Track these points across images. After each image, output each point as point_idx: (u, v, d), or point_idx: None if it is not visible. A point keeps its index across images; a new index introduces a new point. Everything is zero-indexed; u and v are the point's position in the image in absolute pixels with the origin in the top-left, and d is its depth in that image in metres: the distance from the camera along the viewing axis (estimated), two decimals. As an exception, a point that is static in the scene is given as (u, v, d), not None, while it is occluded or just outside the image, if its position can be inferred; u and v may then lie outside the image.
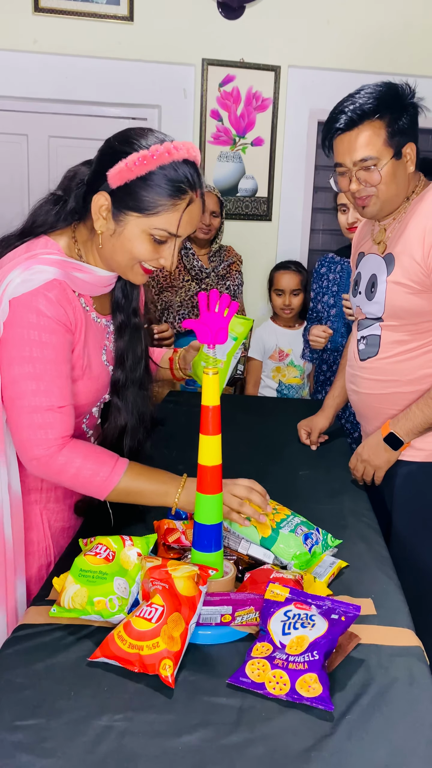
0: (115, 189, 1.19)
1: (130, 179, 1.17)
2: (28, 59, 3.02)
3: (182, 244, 1.28)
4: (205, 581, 1.13)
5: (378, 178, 1.50)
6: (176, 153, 1.17)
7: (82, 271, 1.27)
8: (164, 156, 1.16)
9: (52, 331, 1.21)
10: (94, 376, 1.35)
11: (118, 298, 1.38)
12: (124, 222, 1.20)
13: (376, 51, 3.27)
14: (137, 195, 1.17)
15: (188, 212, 1.21)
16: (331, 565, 1.31)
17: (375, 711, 0.95)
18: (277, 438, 2.11)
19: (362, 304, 1.67)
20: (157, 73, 3.16)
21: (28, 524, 1.36)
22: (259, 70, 3.24)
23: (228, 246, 3.10)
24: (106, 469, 1.24)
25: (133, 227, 1.20)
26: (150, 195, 1.17)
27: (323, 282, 2.65)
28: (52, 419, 1.21)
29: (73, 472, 1.23)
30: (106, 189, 1.19)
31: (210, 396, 1.17)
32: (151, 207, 1.18)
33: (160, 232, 1.20)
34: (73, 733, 0.90)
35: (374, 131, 1.48)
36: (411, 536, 1.65)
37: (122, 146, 1.19)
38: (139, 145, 1.17)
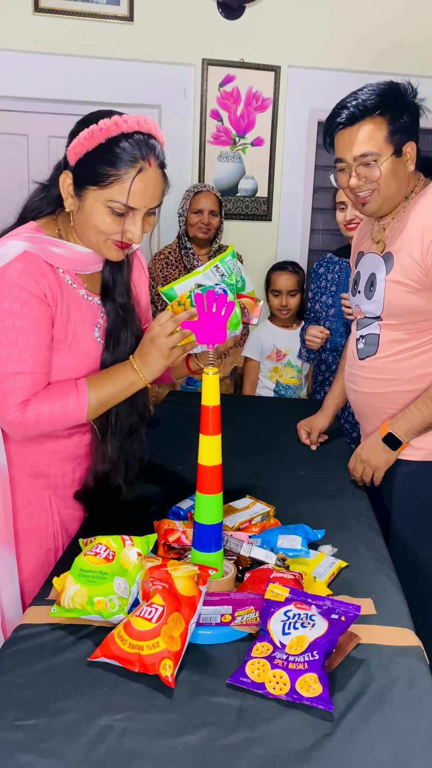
0: (73, 166, 1.24)
1: (82, 153, 1.21)
2: (28, 59, 3.03)
3: (153, 222, 1.31)
4: (205, 581, 1.13)
5: (378, 174, 1.50)
6: (125, 125, 1.20)
7: (58, 246, 1.30)
8: (112, 128, 1.19)
9: (23, 302, 1.24)
10: (82, 351, 1.36)
11: (106, 279, 1.41)
12: (84, 197, 1.24)
13: (376, 51, 3.27)
14: (91, 168, 1.21)
15: (139, 181, 1.22)
16: (331, 565, 1.31)
17: (375, 711, 0.95)
18: (277, 438, 2.12)
19: (361, 303, 1.68)
20: (157, 73, 3.16)
21: (37, 508, 1.40)
22: (259, 70, 3.24)
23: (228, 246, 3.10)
24: (72, 398, 1.28)
25: (92, 201, 1.24)
26: (101, 167, 1.20)
27: (321, 282, 2.65)
28: (21, 383, 1.25)
29: (48, 417, 1.27)
30: (68, 167, 1.25)
31: (210, 396, 1.17)
32: (103, 178, 1.21)
33: (115, 204, 1.22)
34: (73, 733, 0.90)
35: (375, 127, 1.48)
36: (410, 535, 1.65)
37: (79, 126, 1.24)
38: (90, 121, 1.22)
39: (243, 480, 1.73)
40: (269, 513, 1.53)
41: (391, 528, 1.68)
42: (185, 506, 1.52)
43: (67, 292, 1.33)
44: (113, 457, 1.44)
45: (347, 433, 2.43)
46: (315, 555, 1.35)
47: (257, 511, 1.51)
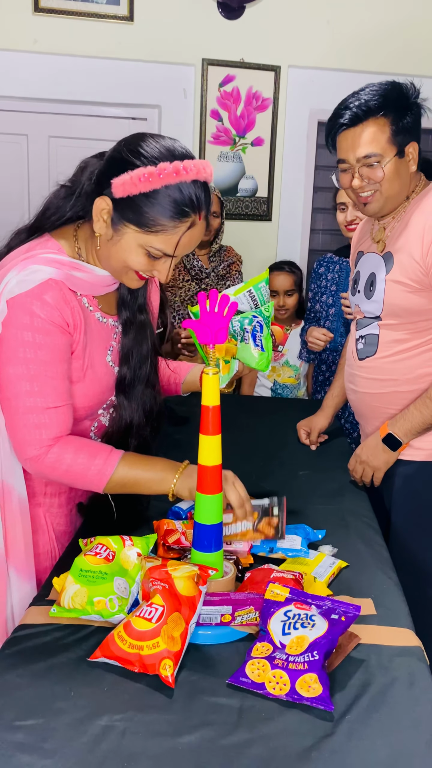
0: (117, 198, 1.16)
1: (133, 193, 1.14)
2: (28, 59, 3.02)
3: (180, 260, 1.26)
4: (205, 581, 1.13)
5: (381, 175, 1.50)
6: (185, 174, 1.13)
7: (81, 270, 1.25)
8: (171, 176, 1.12)
9: (46, 333, 1.21)
10: (97, 378, 1.34)
11: (124, 294, 1.37)
12: (122, 232, 1.18)
13: (376, 51, 3.27)
14: (138, 210, 1.15)
15: (188, 235, 1.18)
16: (331, 565, 1.31)
17: (375, 711, 0.95)
18: (277, 438, 2.11)
19: (361, 302, 1.67)
20: (157, 73, 3.16)
21: (33, 527, 1.37)
22: (259, 70, 3.24)
23: (228, 246, 3.10)
24: (98, 461, 1.24)
25: (130, 239, 1.18)
26: (151, 213, 1.14)
27: (322, 282, 2.64)
28: (46, 419, 1.22)
29: (65, 468, 1.23)
30: (109, 195, 1.17)
31: (210, 396, 1.17)
32: (151, 225, 1.15)
33: (156, 251, 1.18)
34: (73, 733, 0.90)
35: (379, 128, 1.48)
36: (409, 535, 1.65)
37: (131, 156, 1.15)
38: (147, 159, 1.14)
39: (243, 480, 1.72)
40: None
41: (391, 528, 1.68)
42: (185, 506, 1.52)
43: (85, 317, 1.29)
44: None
45: (347, 433, 2.43)
46: (315, 555, 1.35)
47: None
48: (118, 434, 1.39)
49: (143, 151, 1.15)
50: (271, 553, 1.36)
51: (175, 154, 1.15)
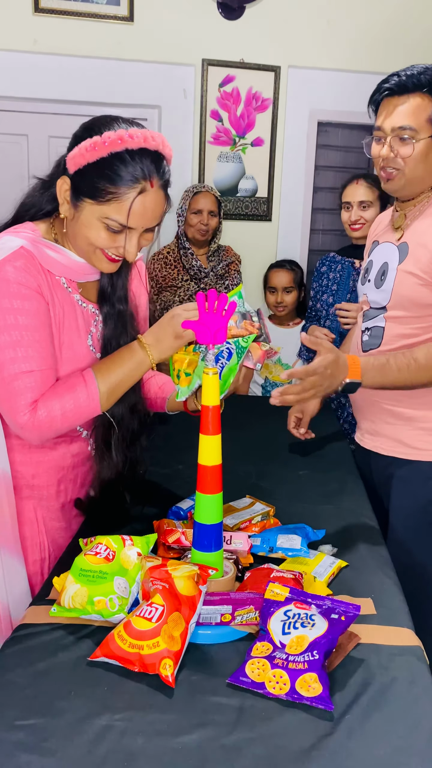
0: (72, 174, 1.19)
1: (82, 165, 1.17)
2: (28, 59, 3.02)
3: (151, 238, 1.29)
4: (205, 581, 1.13)
5: (409, 152, 1.47)
6: (130, 141, 1.15)
7: (54, 250, 1.27)
8: (116, 143, 1.14)
9: (24, 297, 1.21)
10: (77, 358, 1.33)
11: (104, 285, 1.38)
12: (80, 207, 1.20)
13: (376, 51, 3.27)
14: (90, 181, 1.17)
15: (140, 202, 1.18)
16: (331, 564, 1.31)
17: (375, 711, 0.95)
18: (277, 438, 2.11)
19: (369, 292, 1.66)
20: (157, 73, 3.16)
21: (21, 519, 1.37)
22: (259, 70, 3.24)
23: (227, 246, 3.10)
24: (81, 390, 1.25)
25: (88, 214, 1.20)
26: (101, 182, 1.16)
27: (323, 281, 2.65)
28: (30, 382, 1.22)
29: (60, 415, 1.24)
30: (66, 173, 1.21)
31: (210, 396, 1.17)
32: (102, 194, 1.17)
33: (112, 222, 1.19)
34: (73, 732, 0.90)
35: (422, 103, 1.46)
36: (408, 536, 1.65)
37: (83, 132, 1.19)
38: (96, 132, 1.16)
39: (243, 480, 1.73)
40: (269, 513, 1.53)
41: (390, 529, 1.68)
42: (185, 506, 1.52)
43: (61, 295, 1.29)
44: (118, 465, 1.41)
45: (346, 434, 2.43)
46: (315, 555, 1.35)
47: (257, 511, 1.51)
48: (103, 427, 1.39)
49: (94, 126, 1.18)
50: (271, 552, 1.36)
51: (119, 122, 1.18)
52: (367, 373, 1.43)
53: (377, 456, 1.69)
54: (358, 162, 3.45)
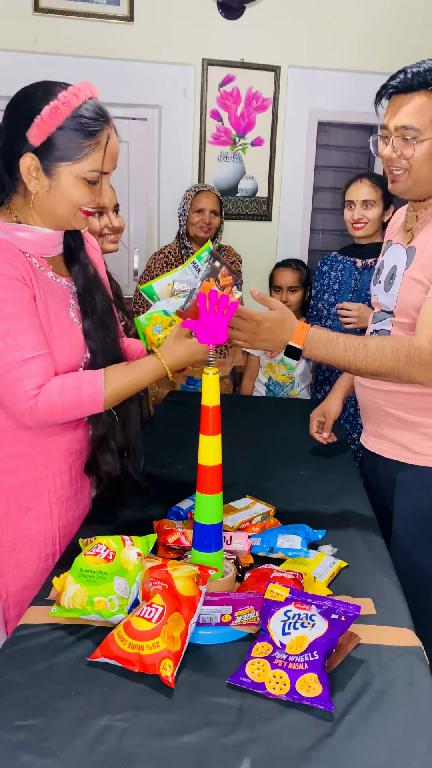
0: (39, 147, 1.21)
1: (50, 132, 1.19)
2: (28, 59, 3.02)
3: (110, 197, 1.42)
4: (205, 581, 1.13)
5: (411, 152, 1.44)
6: (82, 94, 1.21)
7: (24, 231, 1.29)
8: (73, 100, 1.19)
9: (7, 288, 1.22)
10: (67, 334, 1.35)
11: (69, 244, 1.41)
12: (56, 175, 1.23)
13: (376, 51, 3.27)
14: (61, 144, 1.20)
15: (110, 146, 1.25)
16: (331, 565, 1.31)
17: (375, 711, 0.95)
18: (278, 438, 2.12)
19: (379, 294, 1.63)
20: (157, 73, 3.16)
21: (37, 515, 1.39)
22: (259, 70, 3.24)
23: (227, 246, 3.10)
24: (86, 391, 1.27)
25: (67, 176, 1.23)
26: (73, 141, 1.20)
27: (324, 280, 2.65)
28: (26, 371, 1.23)
29: (60, 409, 1.26)
30: (29, 149, 1.21)
31: (210, 396, 1.17)
32: (78, 152, 1.21)
33: (92, 174, 1.24)
34: (73, 733, 0.90)
35: (427, 102, 1.41)
36: (411, 541, 1.64)
37: (30, 104, 1.21)
38: (45, 99, 1.20)
39: (243, 480, 1.73)
40: (269, 513, 1.53)
41: (393, 533, 1.66)
42: (185, 506, 1.52)
43: (38, 276, 1.31)
44: (107, 421, 1.43)
45: (347, 434, 2.43)
46: (315, 555, 1.35)
47: (257, 511, 1.51)
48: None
49: (38, 95, 1.22)
50: (271, 553, 1.36)
51: (57, 84, 1.23)
52: (312, 342, 1.40)
53: (382, 459, 1.68)
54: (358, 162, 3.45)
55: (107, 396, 1.29)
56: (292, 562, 1.32)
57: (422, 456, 1.59)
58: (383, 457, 1.67)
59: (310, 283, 3.00)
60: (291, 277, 2.96)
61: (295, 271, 2.97)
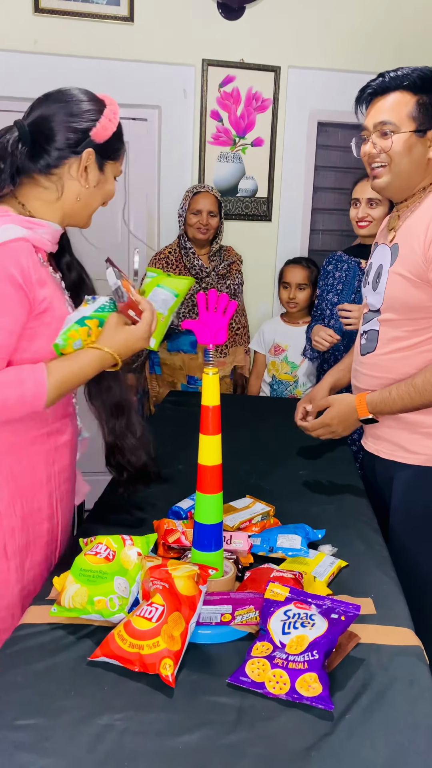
0: (100, 144, 1.33)
1: (109, 135, 1.33)
2: (28, 59, 3.02)
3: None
4: (205, 581, 1.14)
5: (389, 145, 1.48)
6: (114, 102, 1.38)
7: (41, 226, 1.31)
8: (118, 113, 1.36)
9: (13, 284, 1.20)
10: None
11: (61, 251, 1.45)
12: (106, 169, 1.37)
13: (376, 51, 3.27)
14: (113, 145, 1.36)
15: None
16: (331, 564, 1.31)
17: (375, 711, 0.95)
18: (277, 438, 2.12)
19: (368, 294, 1.66)
20: (157, 73, 3.16)
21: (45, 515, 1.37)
22: (259, 70, 3.24)
23: (228, 246, 3.10)
24: (29, 386, 1.20)
25: (110, 172, 1.38)
26: (117, 143, 1.38)
27: (329, 279, 2.65)
28: None
29: (2, 404, 1.19)
30: (90, 145, 1.31)
31: (210, 396, 1.17)
32: (119, 154, 1.39)
33: (119, 172, 1.41)
34: (73, 732, 0.90)
35: (402, 98, 1.47)
36: (408, 539, 1.64)
37: (88, 105, 1.33)
38: (100, 102, 1.34)
39: (243, 480, 1.73)
40: (269, 513, 1.53)
41: (390, 531, 1.67)
42: (185, 506, 1.52)
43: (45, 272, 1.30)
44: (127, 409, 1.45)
45: (347, 434, 2.42)
46: (315, 555, 1.35)
47: (257, 511, 1.51)
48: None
49: (89, 97, 1.36)
50: (271, 552, 1.36)
51: (95, 93, 1.38)
52: (375, 408, 1.62)
53: (380, 459, 1.69)
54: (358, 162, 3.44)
55: (50, 389, 1.21)
56: (292, 562, 1.32)
57: (418, 455, 1.60)
58: (381, 457, 1.68)
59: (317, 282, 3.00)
60: (300, 274, 2.96)
61: (305, 269, 2.98)
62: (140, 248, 3.35)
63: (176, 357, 2.95)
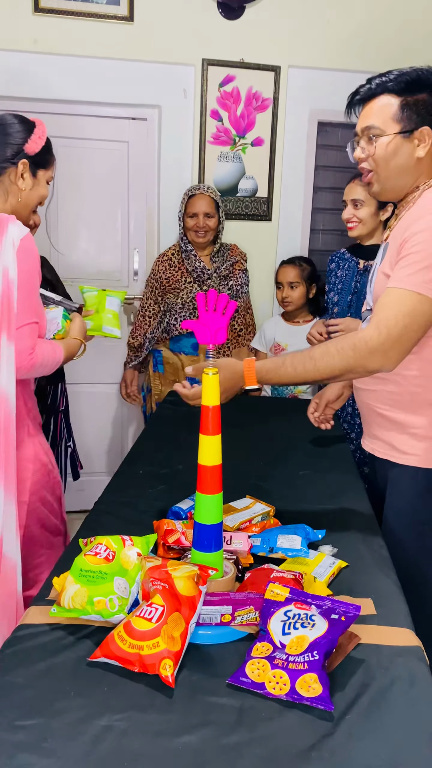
0: (32, 156, 1.69)
1: (39, 148, 1.70)
2: (28, 59, 3.02)
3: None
4: (205, 581, 1.13)
5: (373, 150, 1.48)
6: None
7: None
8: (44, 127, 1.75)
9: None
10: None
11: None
12: (38, 177, 1.73)
13: (376, 51, 3.27)
14: (43, 157, 1.72)
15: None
16: (331, 565, 1.31)
17: (375, 711, 0.95)
18: (277, 438, 2.12)
19: (368, 293, 1.67)
20: (157, 73, 3.16)
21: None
22: (259, 70, 3.24)
23: (232, 244, 3.09)
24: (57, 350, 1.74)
25: (41, 179, 1.75)
26: (48, 155, 1.75)
27: (332, 278, 2.65)
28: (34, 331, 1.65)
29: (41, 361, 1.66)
30: (23, 156, 1.68)
31: (210, 396, 1.17)
32: (50, 162, 1.76)
33: (51, 177, 1.78)
34: (73, 733, 0.90)
35: (387, 101, 1.47)
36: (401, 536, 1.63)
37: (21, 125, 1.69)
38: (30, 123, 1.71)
39: (243, 480, 1.73)
40: (269, 513, 1.53)
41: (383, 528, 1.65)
42: (185, 506, 1.52)
43: None
44: None
45: (345, 433, 2.42)
46: (315, 555, 1.35)
47: (257, 511, 1.51)
48: None
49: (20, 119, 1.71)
50: (271, 553, 1.36)
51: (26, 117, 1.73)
52: (263, 375, 1.48)
53: (377, 459, 1.69)
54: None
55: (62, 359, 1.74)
56: (292, 562, 1.32)
57: (408, 455, 1.57)
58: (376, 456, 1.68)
59: (315, 279, 3.00)
60: (291, 273, 2.96)
61: (296, 267, 2.98)
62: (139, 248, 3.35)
63: (178, 357, 2.96)
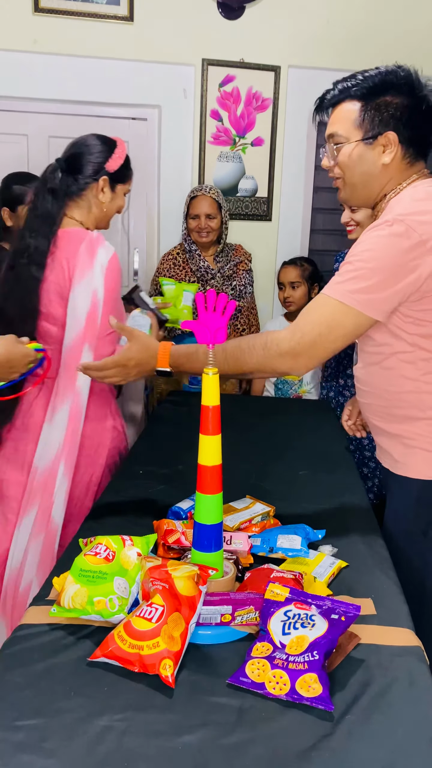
0: (112, 173, 1.89)
1: (118, 165, 1.90)
2: (28, 59, 3.02)
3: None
4: (205, 581, 1.13)
5: (335, 157, 1.44)
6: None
7: None
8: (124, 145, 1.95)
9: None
10: None
11: None
12: (117, 190, 1.94)
13: (376, 51, 3.26)
14: (122, 173, 1.93)
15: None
16: (331, 565, 1.31)
17: (375, 711, 0.95)
18: (277, 438, 2.12)
19: None
20: (157, 73, 3.16)
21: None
22: (259, 70, 3.24)
23: (236, 245, 3.09)
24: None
25: (120, 192, 1.95)
26: (127, 171, 1.95)
27: None
28: None
29: None
30: (104, 174, 1.88)
31: (210, 396, 1.17)
32: (127, 178, 1.96)
33: (128, 190, 1.99)
34: (73, 733, 0.90)
35: (349, 108, 1.41)
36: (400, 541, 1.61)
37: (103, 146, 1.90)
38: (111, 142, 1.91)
39: (243, 480, 1.73)
40: (269, 513, 1.53)
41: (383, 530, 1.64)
42: (185, 506, 1.52)
43: None
44: None
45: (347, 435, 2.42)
46: (315, 555, 1.35)
47: (257, 511, 1.51)
48: None
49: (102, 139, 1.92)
50: (271, 553, 1.36)
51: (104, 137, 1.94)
52: (176, 360, 1.48)
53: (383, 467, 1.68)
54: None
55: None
56: (292, 562, 1.32)
57: (405, 466, 1.55)
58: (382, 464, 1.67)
59: (317, 279, 3.00)
60: (293, 273, 2.97)
61: (297, 267, 2.99)
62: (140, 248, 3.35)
63: None
